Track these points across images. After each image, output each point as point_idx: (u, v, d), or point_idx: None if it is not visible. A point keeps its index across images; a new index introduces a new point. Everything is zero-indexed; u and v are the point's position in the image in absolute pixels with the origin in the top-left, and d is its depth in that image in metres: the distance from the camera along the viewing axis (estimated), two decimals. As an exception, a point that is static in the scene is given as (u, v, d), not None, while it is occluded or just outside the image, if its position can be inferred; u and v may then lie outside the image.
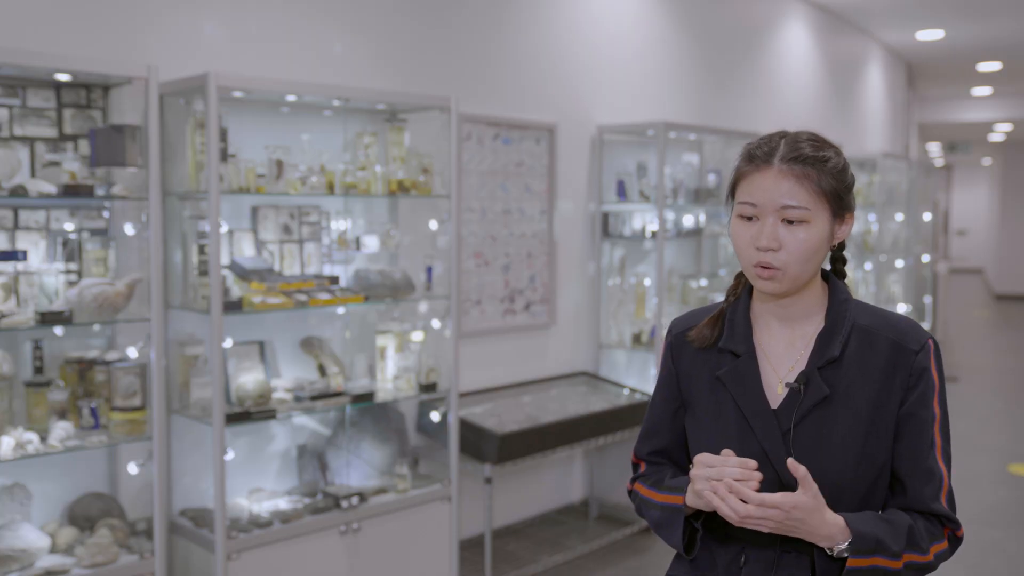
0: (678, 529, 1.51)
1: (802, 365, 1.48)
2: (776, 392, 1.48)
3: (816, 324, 1.50)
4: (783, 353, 1.51)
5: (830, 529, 1.38)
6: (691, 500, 1.47)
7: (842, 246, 1.56)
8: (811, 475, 1.41)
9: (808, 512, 1.36)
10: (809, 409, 1.44)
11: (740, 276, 1.58)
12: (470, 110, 4.37)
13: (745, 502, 1.36)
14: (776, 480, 1.44)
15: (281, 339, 3.59)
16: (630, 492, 1.65)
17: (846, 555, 1.38)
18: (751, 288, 1.55)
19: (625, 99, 5.36)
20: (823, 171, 1.42)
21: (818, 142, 1.46)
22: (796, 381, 1.46)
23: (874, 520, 1.40)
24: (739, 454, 1.46)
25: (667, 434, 1.62)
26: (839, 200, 1.44)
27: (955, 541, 1.47)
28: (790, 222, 1.41)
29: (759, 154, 1.44)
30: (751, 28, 6.87)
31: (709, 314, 1.59)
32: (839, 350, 1.45)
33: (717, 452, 1.49)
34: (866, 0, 7.98)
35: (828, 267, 1.57)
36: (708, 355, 1.55)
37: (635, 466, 1.68)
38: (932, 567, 1.44)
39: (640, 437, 1.67)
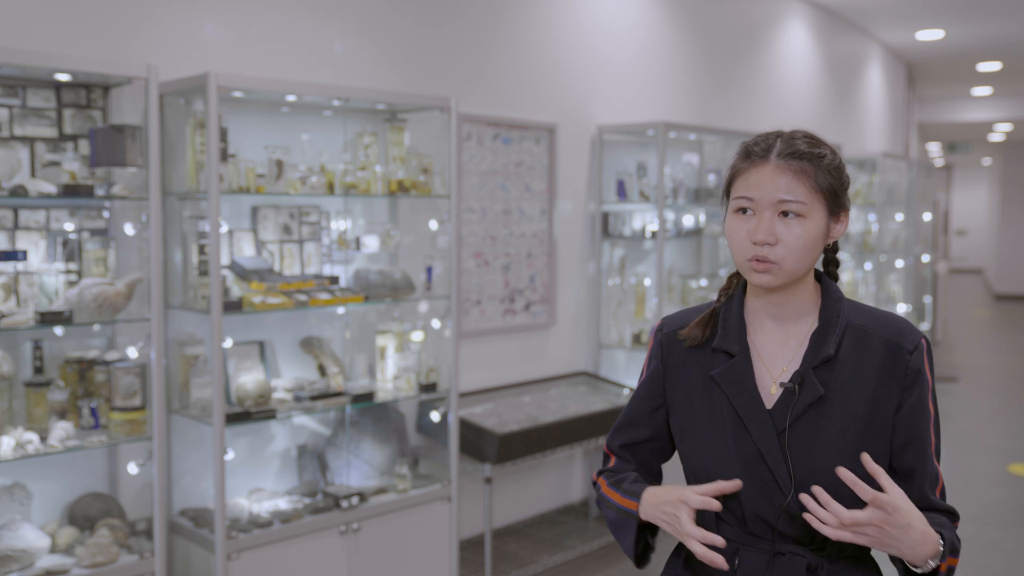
0: (630, 535, 1.53)
1: (796, 365, 1.48)
2: (770, 392, 1.48)
3: (809, 323, 1.50)
4: (776, 353, 1.50)
5: (932, 540, 1.34)
6: (648, 514, 1.49)
7: (835, 248, 1.57)
8: (806, 475, 1.42)
9: (910, 519, 1.31)
10: (804, 409, 1.44)
11: (732, 276, 1.59)
12: (470, 110, 4.37)
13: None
14: (771, 481, 1.43)
15: (281, 339, 3.59)
16: (594, 483, 1.66)
17: (932, 564, 1.35)
18: (744, 287, 1.55)
19: (625, 99, 5.36)
20: (820, 167, 1.43)
21: (814, 140, 1.47)
22: (791, 381, 1.46)
23: (936, 522, 1.40)
24: (734, 454, 1.46)
25: (642, 429, 1.62)
26: (835, 197, 1.45)
27: None
28: (786, 216, 1.41)
29: (756, 151, 1.45)
30: (751, 28, 6.87)
31: (700, 313, 1.59)
32: (834, 349, 1.45)
33: (711, 452, 1.49)
34: (866, 0, 7.98)
35: (821, 268, 1.58)
36: (700, 355, 1.55)
37: (605, 457, 1.68)
38: None
39: (614, 428, 1.66)
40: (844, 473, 1.32)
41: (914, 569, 1.36)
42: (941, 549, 1.35)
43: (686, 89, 5.97)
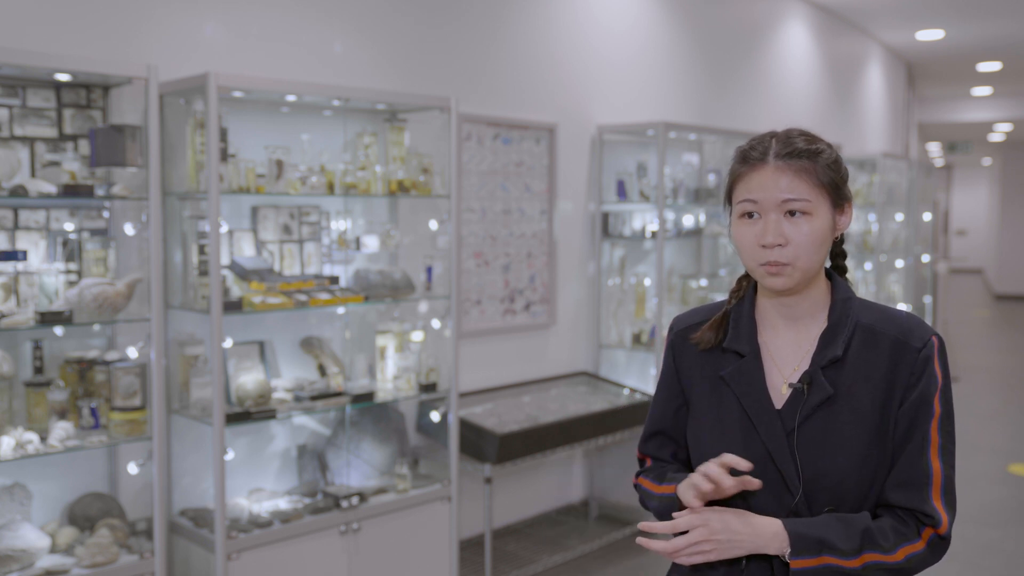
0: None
1: (807, 365, 1.47)
2: (780, 392, 1.48)
3: (821, 323, 1.49)
4: (789, 353, 1.50)
5: (768, 532, 1.40)
6: (682, 493, 1.48)
7: (841, 241, 1.57)
8: (815, 475, 1.42)
9: (728, 519, 1.40)
10: (813, 409, 1.44)
11: (742, 279, 1.58)
12: (470, 110, 4.37)
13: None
14: (779, 481, 1.44)
15: (281, 339, 3.59)
16: (636, 485, 1.68)
17: (785, 555, 1.39)
18: (756, 288, 1.55)
19: (625, 99, 5.36)
20: (819, 163, 1.43)
21: (810, 137, 1.47)
22: (800, 381, 1.45)
23: (823, 520, 1.40)
24: (742, 454, 1.45)
25: (670, 432, 1.63)
26: (837, 190, 1.45)
27: (938, 542, 1.40)
28: (792, 215, 1.42)
29: (753, 154, 1.45)
30: (751, 28, 6.87)
31: (712, 312, 1.59)
32: (842, 349, 1.45)
33: (718, 452, 1.49)
34: (866, 0, 7.98)
35: (829, 264, 1.57)
36: (711, 355, 1.55)
37: (641, 461, 1.69)
38: (906, 570, 1.39)
39: (643, 436, 1.67)
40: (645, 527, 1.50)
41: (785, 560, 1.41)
42: (788, 539, 1.39)
43: (686, 89, 5.97)
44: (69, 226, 3.03)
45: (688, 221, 5.41)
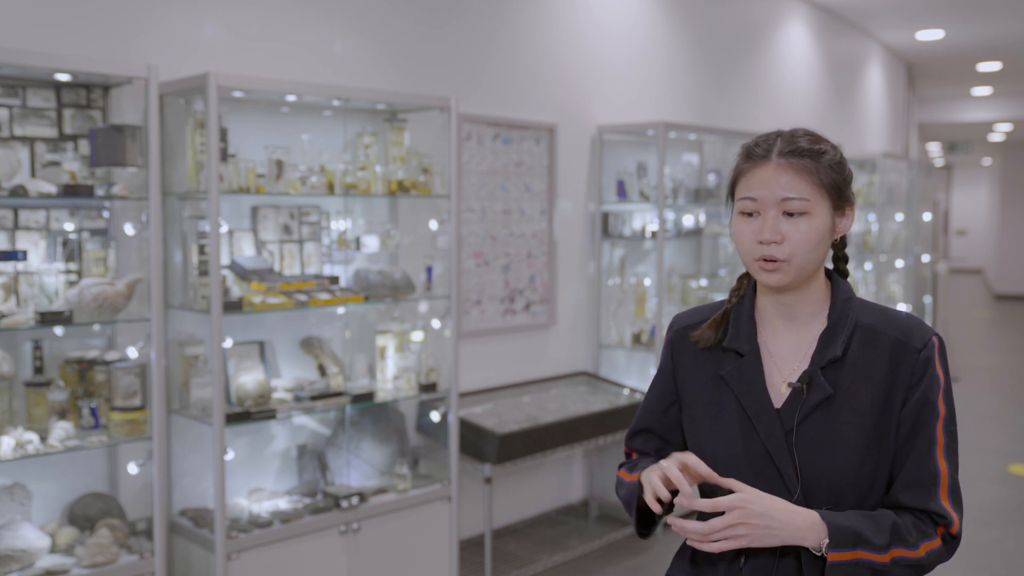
0: (632, 505, 1.57)
1: (806, 365, 1.48)
2: (780, 392, 1.48)
3: (821, 323, 1.50)
4: (788, 353, 1.50)
5: (806, 523, 1.38)
6: (644, 482, 1.49)
7: (844, 243, 1.57)
8: (813, 474, 1.42)
9: (768, 505, 1.38)
10: (812, 409, 1.44)
11: (743, 277, 1.59)
12: (470, 110, 4.37)
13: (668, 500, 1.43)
14: (778, 480, 1.44)
15: (281, 339, 3.59)
16: (617, 476, 1.69)
17: (823, 548, 1.38)
18: (756, 287, 1.56)
19: (625, 99, 5.36)
20: (821, 163, 1.43)
21: (814, 137, 1.47)
22: (799, 381, 1.46)
23: (853, 515, 1.40)
24: (742, 453, 1.46)
25: (657, 429, 1.64)
26: (839, 192, 1.45)
27: (951, 540, 1.43)
28: (790, 215, 1.42)
29: (757, 151, 1.46)
30: (751, 28, 6.87)
31: (712, 311, 1.60)
32: (842, 349, 1.45)
33: (718, 451, 1.49)
34: (866, 0, 7.98)
35: (831, 266, 1.58)
36: (711, 354, 1.56)
37: (627, 455, 1.70)
38: (926, 566, 1.41)
39: (631, 431, 1.68)
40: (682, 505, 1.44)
41: (817, 554, 1.40)
42: (827, 531, 1.37)
43: (686, 89, 5.97)
44: (69, 226, 3.03)
45: (688, 221, 5.41)
